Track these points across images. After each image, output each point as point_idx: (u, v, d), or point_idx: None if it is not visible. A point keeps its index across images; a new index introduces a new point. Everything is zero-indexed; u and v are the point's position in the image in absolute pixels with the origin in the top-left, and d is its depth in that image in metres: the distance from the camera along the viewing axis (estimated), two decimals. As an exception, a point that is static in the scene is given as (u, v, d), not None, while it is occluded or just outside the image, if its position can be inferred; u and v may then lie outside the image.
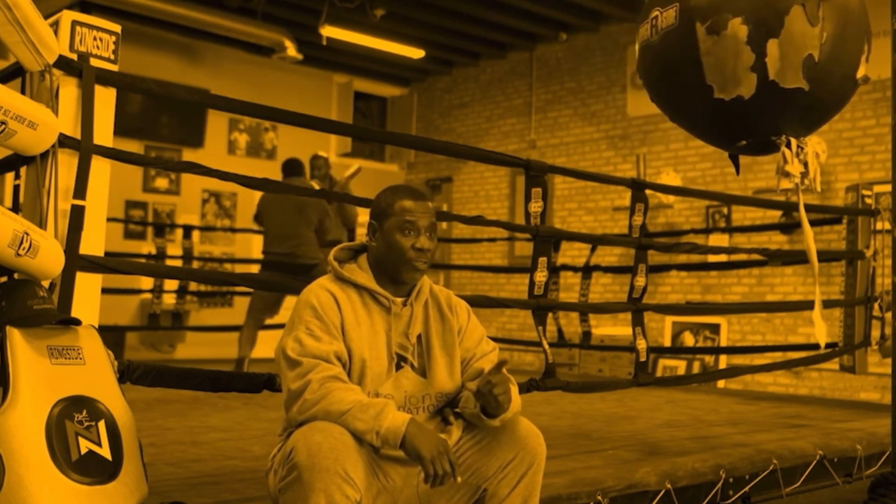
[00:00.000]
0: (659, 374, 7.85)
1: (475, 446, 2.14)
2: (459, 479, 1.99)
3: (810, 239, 3.31)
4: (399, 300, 2.22)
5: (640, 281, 4.02)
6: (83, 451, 1.95)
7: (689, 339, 8.26)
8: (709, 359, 7.97)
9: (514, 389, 2.22)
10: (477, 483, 2.12)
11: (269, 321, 6.53)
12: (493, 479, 2.11)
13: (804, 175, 3.12)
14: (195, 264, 8.54)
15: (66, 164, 2.42)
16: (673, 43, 3.03)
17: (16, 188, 2.48)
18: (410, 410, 2.17)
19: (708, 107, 3.04)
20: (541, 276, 3.60)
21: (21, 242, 2.08)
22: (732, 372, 6.25)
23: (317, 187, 6.14)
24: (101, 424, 2.03)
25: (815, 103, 3.03)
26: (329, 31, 8.71)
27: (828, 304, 6.28)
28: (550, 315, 5.34)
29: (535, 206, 3.59)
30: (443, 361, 2.23)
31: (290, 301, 3.76)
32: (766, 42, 2.86)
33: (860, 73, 3.05)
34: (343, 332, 2.12)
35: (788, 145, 3.07)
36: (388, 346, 2.18)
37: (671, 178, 8.28)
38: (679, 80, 3.11)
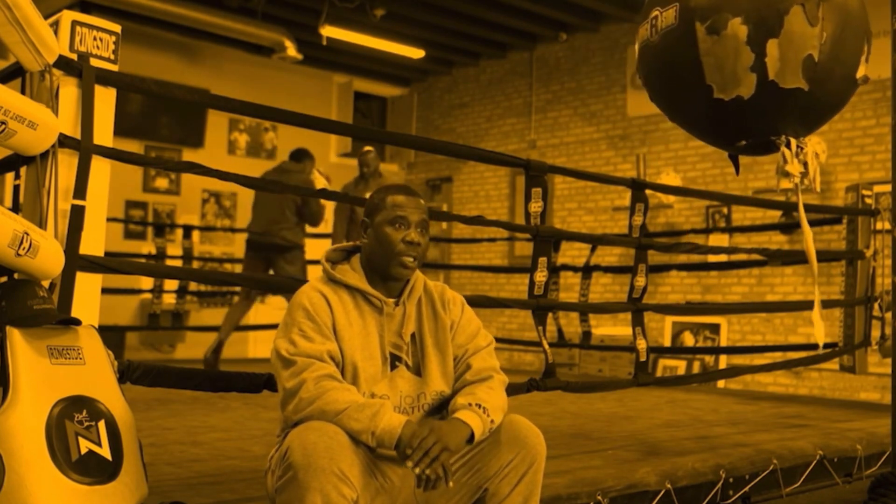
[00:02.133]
0: (659, 374, 7.85)
1: (476, 446, 2.14)
2: (451, 483, 1.99)
3: (810, 239, 3.30)
4: (391, 300, 2.22)
5: (640, 281, 4.02)
6: (83, 451, 1.95)
7: (689, 339, 8.26)
8: (709, 359, 7.97)
9: (500, 392, 2.21)
10: (477, 483, 2.12)
11: (268, 320, 6.58)
12: (493, 478, 2.11)
13: (804, 175, 3.12)
14: (195, 264, 8.54)
15: (66, 164, 2.42)
16: (672, 43, 3.03)
17: (16, 188, 2.48)
18: (406, 410, 2.17)
19: (707, 107, 3.04)
20: (541, 276, 3.60)
21: (21, 242, 2.08)
22: (732, 372, 6.25)
23: (321, 184, 6.15)
24: (101, 424, 2.03)
25: (815, 103, 3.03)
26: (329, 31, 8.71)
27: (828, 304, 6.27)
28: (550, 315, 5.34)
29: (535, 206, 3.59)
30: (436, 360, 2.23)
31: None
32: (766, 42, 2.86)
33: (860, 73, 3.05)
34: (335, 333, 2.12)
35: (788, 145, 3.07)
36: (381, 347, 2.18)
37: (671, 178, 8.28)
38: (679, 80, 3.11)
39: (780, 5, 2.86)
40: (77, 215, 2.42)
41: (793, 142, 3.08)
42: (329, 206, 6.93)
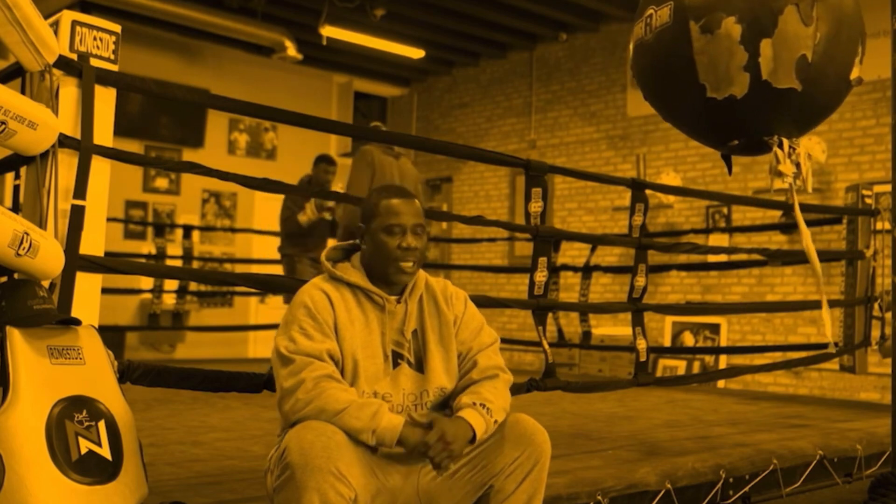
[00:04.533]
0: (659, 374, 7.85)
1: (481, 444, 2.14)
2: (453, 466, 2.04)
3: (808, 239, 3.30)
4: (393, 298, 2.22)
5: (640, 281, 4.02)
6: (83, 451, 1.95)
7: (689, 339, 8.26)
8: (709, 359, 7.97)
9: (504, 392, 2.22)
10: (482, 480, 2.13)
11: (268, 320, 6.60)
12: (498, 475, 2.11)
13: (797, 175, 3.12)
14: (195, 264, 8.54)
15: (66, 164, 2.42)
16: (667, 41, 3.02)
17: (16, 188, 2.48)
18: (409, 408, 2.17)
19: (700, 106, 3.04)
20: (541, 276, 3.60)
21: (21, 242, 2.08)
22: (732, 372, 6.25)
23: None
24: (101, 424, 2.03)
25: (808, 104, 3.03)
26: (329, 31, 8.71)
27: (828, 305, 6.29)
28: (550, 315, 5.34)
29: (535, 206, 3.59)
30: (439, 356, 2.23)
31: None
32: (760, 41, 2.86)
33: (854, 75, 3.04)
34: (336, 331, 2.13)
35: (781, 146, 3.07)
36: (383, 345, 2.18)
37: (671, 178, 8.28)
38: (672, 79, 3.11)
39: (774, 5, 2.86)
40: (77, 215, 2.42)
41: (785, 142, 3.08)
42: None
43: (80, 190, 2.43)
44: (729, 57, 2.88)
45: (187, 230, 8.51)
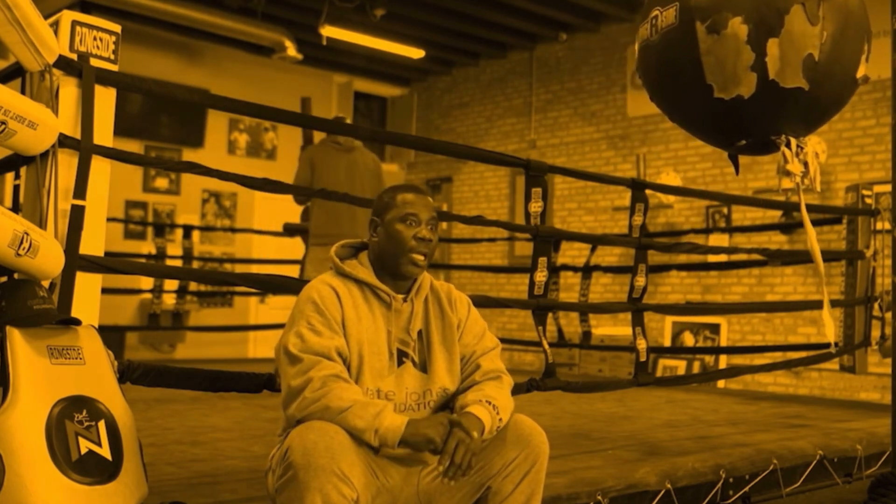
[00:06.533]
0: (659, 374, 7.85)
1: (482, 443, 2.14)
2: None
3: (813, 238, 3.30)
4: (399, 296, 2.23)
5: (640, 281, 4.02)
6: (83, 451, 1.95)
7: (689, 339, 8.26)
8: (709, 359, 7.97)
9: (507, 393, 2.23)
10: (480, 480, 2.13)
11: (268, 320, 6.56)
12: (496, 476, 2.11)
13: (804, 174, 3.12)
14: (195, 264, 8.54)
15: (66, 164, 2.42)
16: (673, 42, 3.02)
17: (16, 188, 2.48)
18: (412, 407, 2.17)
19: (708, 106, 3.04)
20: (541, 276, 3.60)
21: (21, 242, 2.08)
22: (732, 372, 6.25)
23: None
24: (101, 424, 2.03)
25: (815, 103, 3.03)
26: (329, 31, 8.71)
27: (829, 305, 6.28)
28: (550, 315, 5.35)
29: (535, 206, 3.59)
30: (442, 357, 2.24)
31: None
32: (767, 41, 2.86)
33: (860, 73, 3.04)
34: (343, 326, 2.13)
35: (788, 145, 3.07)
36: (388, 342, 2.19)
37: (671, 178, 8.28)
38: (679, 80, 3.11)
39: (780, 4, 2.86)
40: (77, 215, 2.42)
41: (793, 141, 3.08)
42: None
43: (80, 190, 2.43)
44: (736, 57, 2.88)
45: (187, 230, 8.50)
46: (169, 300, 8.55)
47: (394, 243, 2.19)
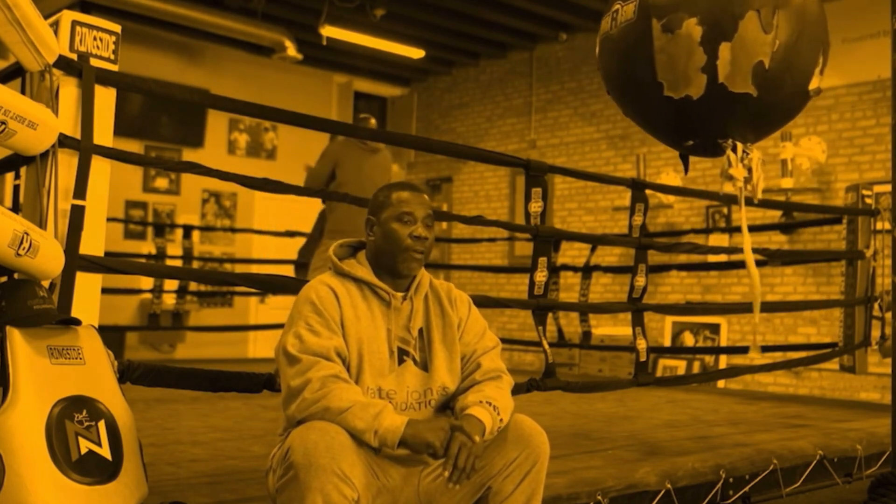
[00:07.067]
0: (659, 374, 7.85)
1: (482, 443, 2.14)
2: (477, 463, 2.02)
3: (748, 246, 3.36)
4: (399, 294, 2.23)
5: (640, 281, 4.02)
6: (83, 451, 1.95)
7: (689, 339, 8.26)
8: (709, 359, 7.97)
9: (507, 393, 2.23)
10: (480, 481, 2.12)
11: (268, 320, 6.55)
12: (497, 476, 2.11)
13: (747, 180, 3.13)
14: (195, 264, 8.54)
15: (66, 164, 2.42)
16: (629, 37, 3.04)
17: (16, 188, 2.48)
18: (413, 405, 2.17)
19: (658, 104, 3.05)
20: (541, 276, 3.60)
21: (21, 242, 2.08)
22: (732, 372, 6.25)
23: None
24: (101, 424, 2.03)
25: (763, 110, 3.03)
26: (329, 31, 8.71)
27: (828, 305, 6.30)
28: (550, 315, 5.34)
29: (535, 206, 3.59)
30: (443, 356, 2.24)
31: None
32: (719, 44, 2.87)
33: (813, 85, 3.04)
34: (342, 326, 2.13)
35: (734, 149, 3.08)
36: (388, 340, 2.18)
37: (671, 178, 8.28)
38: (632, 75, 3.13)
39: (735, 9, 2.86)
40: (77, 215, 2.42)
41: (739, 146, 3.08)
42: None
43: (80, 190, 2.43)
44: (688, 57, 2.90)
45: (187, 230, 8.50)
46: (169, 300, 8.54)
47: (390, 242, 2.20)
